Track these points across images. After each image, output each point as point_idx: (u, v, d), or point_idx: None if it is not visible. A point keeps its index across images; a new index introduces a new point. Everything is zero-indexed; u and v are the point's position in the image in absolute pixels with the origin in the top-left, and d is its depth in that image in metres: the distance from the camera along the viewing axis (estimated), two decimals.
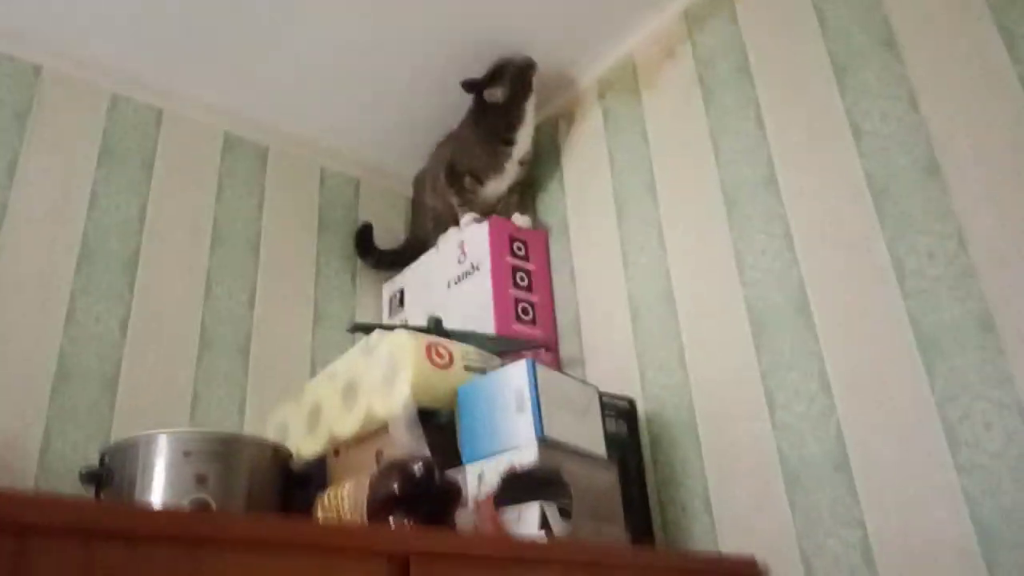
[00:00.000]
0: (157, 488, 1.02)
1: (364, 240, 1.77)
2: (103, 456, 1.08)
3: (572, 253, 1.54)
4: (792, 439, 1.08)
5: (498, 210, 1.59)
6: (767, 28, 1.28)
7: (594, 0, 1.48)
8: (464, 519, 0.93)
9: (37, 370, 1.26)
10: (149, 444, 1.05)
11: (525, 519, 0.93)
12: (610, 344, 1.38)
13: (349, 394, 1.17)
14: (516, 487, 0.94)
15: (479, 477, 1.00)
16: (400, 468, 0.88)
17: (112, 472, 1.06)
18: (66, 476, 1.21)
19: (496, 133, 1.56)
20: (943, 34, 1.04)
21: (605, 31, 1.55)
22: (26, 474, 1.20)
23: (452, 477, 0.94)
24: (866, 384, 1.02)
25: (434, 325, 1.28)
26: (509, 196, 1.60)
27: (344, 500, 0.93)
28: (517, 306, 1.47)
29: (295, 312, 1.61)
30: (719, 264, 1.23)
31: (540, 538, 0.89)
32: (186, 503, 1.00)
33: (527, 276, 1.52)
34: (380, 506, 0.86)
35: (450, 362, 1.12)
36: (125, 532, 0.58)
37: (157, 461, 1.04)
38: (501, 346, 1.30)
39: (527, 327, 1.46)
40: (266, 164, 1.72)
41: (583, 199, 1.56)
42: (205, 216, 1.58)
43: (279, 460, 1.15)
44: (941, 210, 0.99)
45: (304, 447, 1.22)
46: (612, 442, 1.11)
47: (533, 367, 1.03)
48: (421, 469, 0.87)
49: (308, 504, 1.04)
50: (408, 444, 1.02)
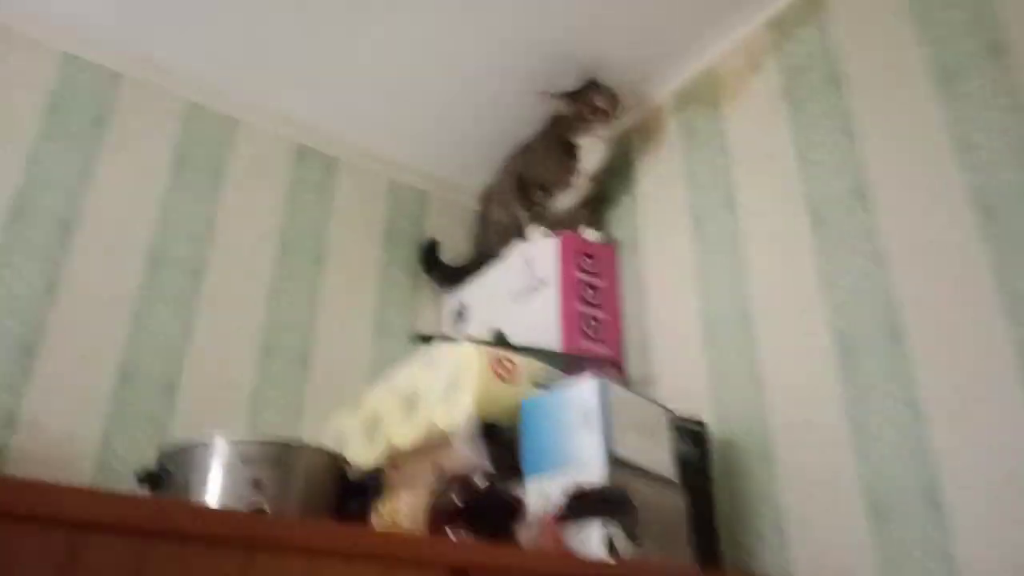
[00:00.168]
0: (213, 491, 1.02)
1: (430, 256, 1.76)
2: (161, 458, 1.08)
3: (643, 269, 1.49)
4: (879, 469, 1.01)
5: (567, 224, 1.56)
6: (860, 36, 1.23)
7: (674, 12, 1.46)
8: (525, 536, 0.89)
9: (100, 371, 1.29)
10: (207, 447, 1.05)
11: (589, 539, 0.88)
12: (681, 364, 1.33)
13: (410, 405, 1.15)
14: (581, 505, 0.90)
15: (542, 494, 0.96)
16: (461, 479, 0.85)
17: (169, 474, 1.06)
18: (123, 476, 1.22)
19: (569, 148, 1.53)
20: None
21: (685, 44, 1.52)
22: (83, 473, 1.21)
23: (515, 491, 0.90)
24: (964, 412, 0.95)
25: (497, 339, 1.25)
26: (579, 210, 1.58)
27: (402, 511, 0.90)
28: (584, 322, 1.43)
29: (356, 322, 1.61)
30: (802, 283, 1.18)
31: (606, 559, 0.85)
32: (242, 507, 0.99)
33: (595, 292, 1.48)
34: (440, 518, 0.83)
35: (515, 376, 1.09)
36: (180, 531, 0.57)
37: (214, 465, 1.04)
38: (566, 363, 1.26)
39: (594, 344, 1.42)
40: (335, 176, 1.73)
41: (656, 214, 1.52)
42: (272, 225, 1.59)
43: (336, 468, 1.14)
44: None
45: (361, 457, 1.21)
46: (681, 464, 1.06)
47: (603, 384, 1.00)
48: (483, 481, 0.84)
49: (363, 514, 1.02)
50: (469, 457, 0.99)
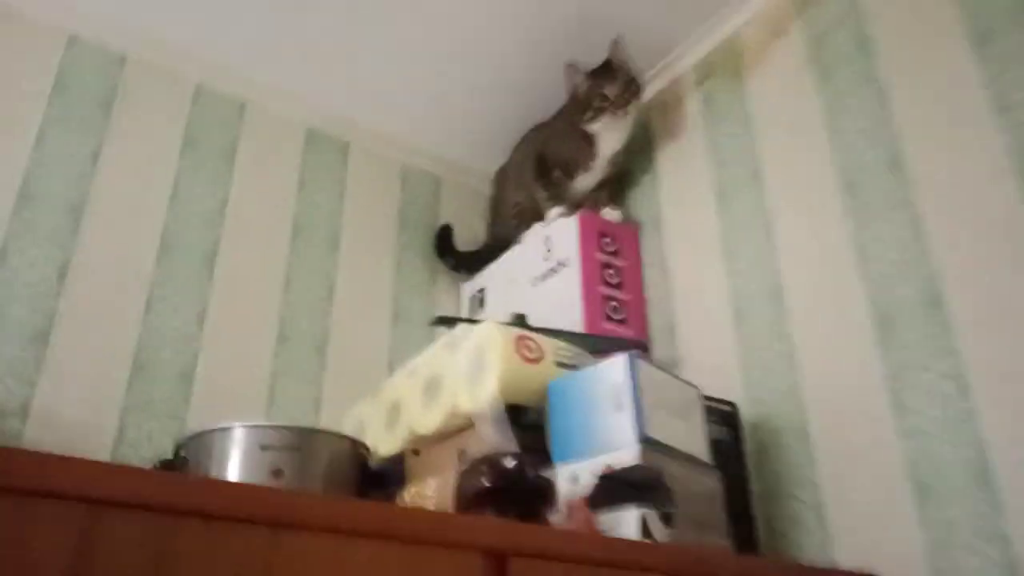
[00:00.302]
0: (232, 480, 1.00)
1: (444, 241, 1.74)
2: (178, 447, 1.06)
3: (666, 248, 1.46)
4: (923, 446, 0.97)
5: (586, 204, 1.53)
6: None
7: None
8: (555, 521, 0.86)
9: (114, 360, 1.27)
10: (225, 436, 1.03)
11: (623, 524, 0.86)
12: (709, 345, 1.30)
13: (431, 390, 1.12)
14: (614, 490, 0.87)
15: (572, 478, 0.94)
16: (490, 462, 0.83)
17: (187, 463, 1.04)
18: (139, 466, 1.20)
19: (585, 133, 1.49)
20: None
21: (704, 13, 1.49)
22: None
23: (545, 474, 0.88)
24: (1011, 384, 0.91)
25: (518, 323, 1.23)
26: (599, 190, 1.54)
27: (428, 497, 0.88)
28: (607, 305, 1.40)
29: (373, 309, 1.59)
30: (836, 256, 1.14)
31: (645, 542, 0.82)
32: None
33: (617, 273, 1.45)
34: (469, 502, 0.81)
35: (541, 356, 1.07)
36: (201, 509, 0.54)
37: (233, 453, 1.02)
38: (591, 346, 1.23)
39: (618, 327, 1.39)
40: (347, 160, 1.71)
41: (679, 191, 1.48)
42: (285, 210, 1.57)
43: (357, 456, 1.11)
44: None
45: (382, 445, 1.18)
46: (713, 448, 1.03)
47: (634, 362, 0.97)
48: (513, 463, 0.82)
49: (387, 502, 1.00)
50: (495, 442, 0.97)
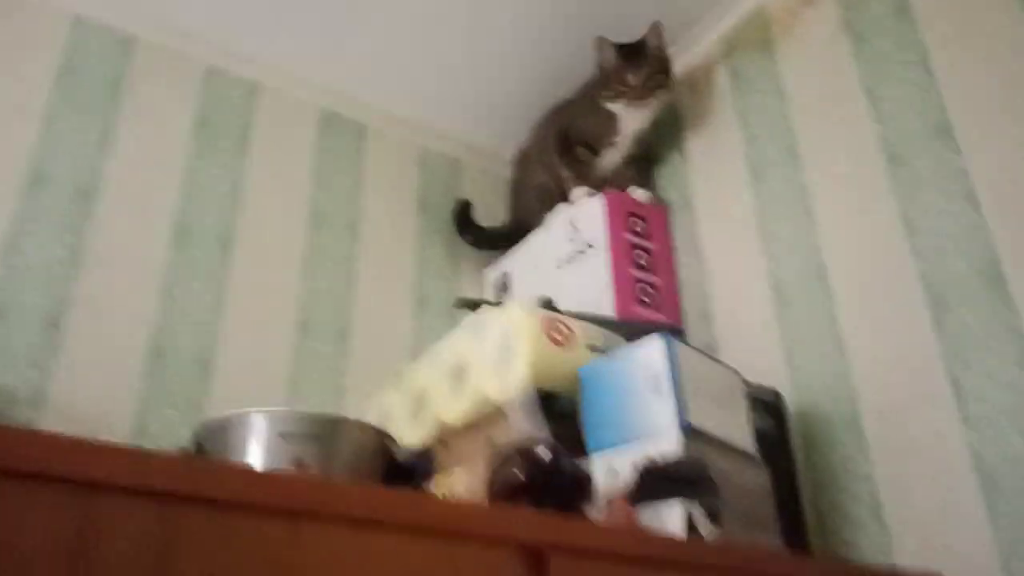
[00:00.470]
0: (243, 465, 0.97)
1: (463, 217, 1.69)
2: (196, 436, 1.03)
3: (698, 229, 1.41)
4: (988, 434, 0.92)
5: (613, 184, 1.48)
6: None
7: None
8: (594, 515, 0.82)
9: (131, 348, 1.23)
10: (244, 424, 1.00)
11: (666, 520, 0.81)
12: (748, 329, 1.25)
13: (457, 377, 1.08)
14: (656, 483, 0.83)
15: (609, 470, 0.89)
16: (524, 452, 0.78)
17: (205, 453, 1.01)
18: None
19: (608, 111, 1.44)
20: None
21: None
22: None
23: (581, 464, 0.83)
24: None
25: (545, 307, 1.18)
26: (625, 169, 1.49)
27: (457, 489, 0.84)
28: (638, 288, 1.35)
29: (395, 295, 1.55)
30: (883, 231, 1.09)
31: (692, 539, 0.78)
32: None
33: (648, 255, 1.40)
34: (501, 495, 0.77)
35: (571, 340, 1.02)
36: (208, 495, 0.50)
37: (252, 442, 0.98)
38: (622, 331, 1.19)
39: (650, 311, 1.34)
40: (364, 142, 1.67)
41: (710, 170, 1.43)
42: (302, 194, 1.54)
43: (383, 447, 1.07)
44: None
45: (408, 435, 1.15)
46: (758, 439, 0.98)
47: (672, 343, 0.92)
48: (548, 453, 0.78)
49: None
50: (526, 430, 0.92)
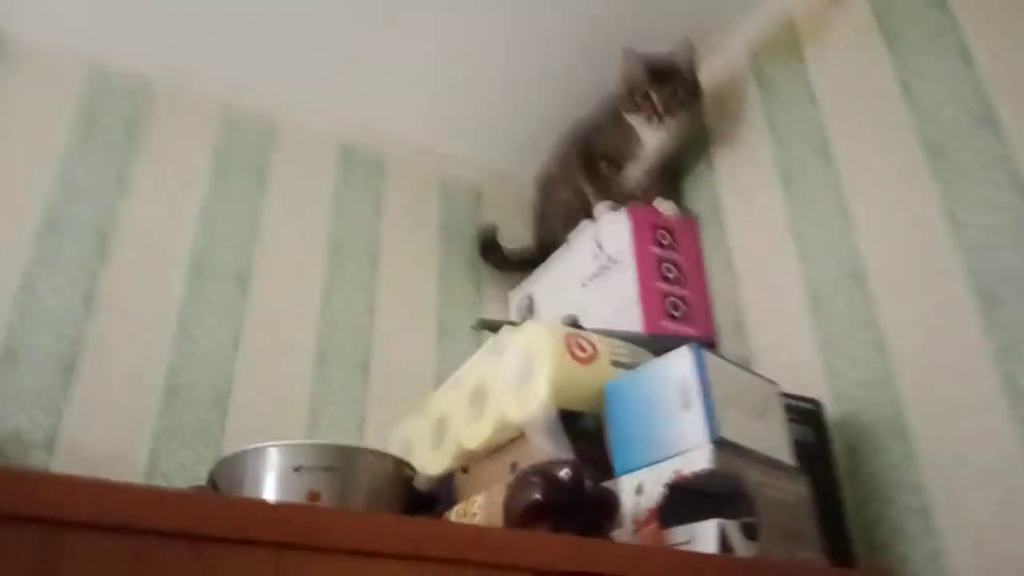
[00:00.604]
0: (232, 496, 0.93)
1: (488, 240, 1.66)
2: (212, 473, 1.00)
3: (729, 239, 1.36)
4: None
5: (639, 198, 1.44)
6: None
7: None
8: (620, 537, 0.77)
9: (144, 386, 1.22)
10: (257, 458, 0.97)
11: (700, 539, 0.76)
12: (784, 339, 1.19)
13: (478, 400, 1.04)
14: (687, 501, 0.78)
15: (637, 490, 0.84)
16: (543, 473, 0.74)
17: (219, 490, 0.98)
18: None
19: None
20: None
21: None
22: None
23: (605, 486, 0.78)
24: None
25: (571, 326, 1.14)
26: (651, 182, 1.45)
27: (473, 515, 0.79)
28: (667, 302, 1.30)
29: (417, 324, 1.52)
30: (924, 228, 1.03)
31: (724, 557, 0.72)
32: None
33: (676, 268, 1.35)
34: (519, 519, 0.72)
35: (594, 356, 0.98)
36: (189, 530, 0.47)
37: (266, 476, 0.95)
38: (651, 346, 1.14)
39: (680, 325, 1.29)
40: (383, 172, 1.66)
41: (738, 178, 1.38)
42: (320, 227, 1.53)
43: (401, 477, 1.03)
44: None
45: (430, 464, 1.11)
46: (797, 451, 0.93)
47: (700, 355, 0.87)
48: (569, 474, 0.73)
49: None
50: (549, 452, 0.88)
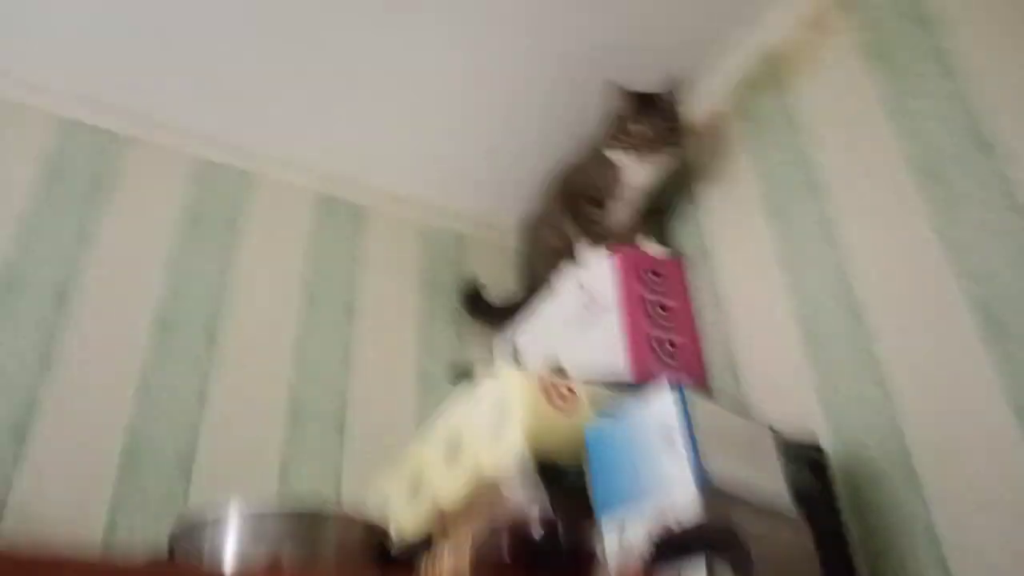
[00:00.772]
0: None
1: (472, 297, 1.62)
2: (170, 539, 0.94)
3: (718, 280, 1.32)
4: None
5: (625, 240, 1.40)
6: None
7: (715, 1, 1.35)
8: None
9: (103, 448, 1.16)
10: (216, 522, 0.91)
11: None
12: (779, 379, 1.13)
13: (452, 451, 0.98)
14: (674, 550, 0.72)
15: (620, 540, 0.78)
16: (511, 527, 0.68)
17: (176, 558, 0.91)
18: None
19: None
20: None
21: (730, 26, 1.40)
22: None
23: (582, 537, 0.72)
24: None
25: (554, 371, 1.09)
26: (636, 223, 1.41)
27: (442, 573, 0.73)
28: (657, 346, 1.25)
29: (397, 375, 1.47)
30: (922, 254, 0.98)
31: None
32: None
33: (664, 310, 1.30)
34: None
35: (575, 403, 0.93)
36: None
37: (227, 541, 0.89)
38: (638, 392, 1.09)
39: (671, 370, 1.24)
40: (362, 223, 1.63)
41: (726, 216, 1.35)
42: (295, 279, 1.49)
43: (373, 539, 0.97)
44: None
45: (407, 522, 1.04)
46: (799, 499, 0.86)
47: (683, 393, 0.82)
48: (540, 527, 0.67)
49: None
50: (525, 505, 0.82)
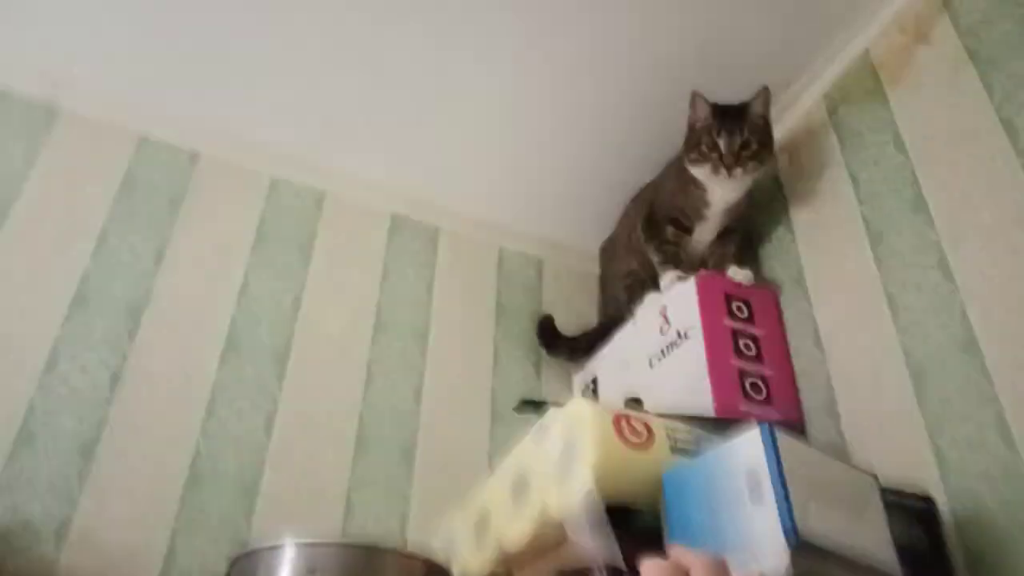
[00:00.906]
0: None
1: (546, 331, 1.57)
2: (229, 566, 0.92)
3: (814, 310, 1.22)
4: None
5: (710, 266, 1.33)
6: None
7: (807, 9, 1.29)
8: None
9: (168, 473, 1.16)
10: (273, 557, 0.89)
11: None
12: (884, 422, 1.03)
13: (519, 490, 0.93)
14: None
15: None
16: (574, 574, 0.62)
17: None
18: None
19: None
20: None
21: (826, 32, 1.32)
22: None
23: None
24: None
25: (632, 407, 1.03)
26: (722, 248, 1.33)
27: None
28: (744, 380, 1.17)
29: (470, 408, 1.42)
30: None
31: None
32: None
33: (754, 344, 1.22)
34: None
35: (649, 440, 0.86)
36: None
37: (280, 571, 0.87)
38: (722, 430, 1.01)
39: (760, 408, 1.15)
40: (437, 246, 1.61)
41: (821, 241, 1.26)
42: (367, 302, 1.47)
43: None
44: None
45: (472, 563, 0.99)
46: (904, 557, 0.77)
47: (772, 434, 0.74)
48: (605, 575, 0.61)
49: None
50: (592, 550, 0.75)
